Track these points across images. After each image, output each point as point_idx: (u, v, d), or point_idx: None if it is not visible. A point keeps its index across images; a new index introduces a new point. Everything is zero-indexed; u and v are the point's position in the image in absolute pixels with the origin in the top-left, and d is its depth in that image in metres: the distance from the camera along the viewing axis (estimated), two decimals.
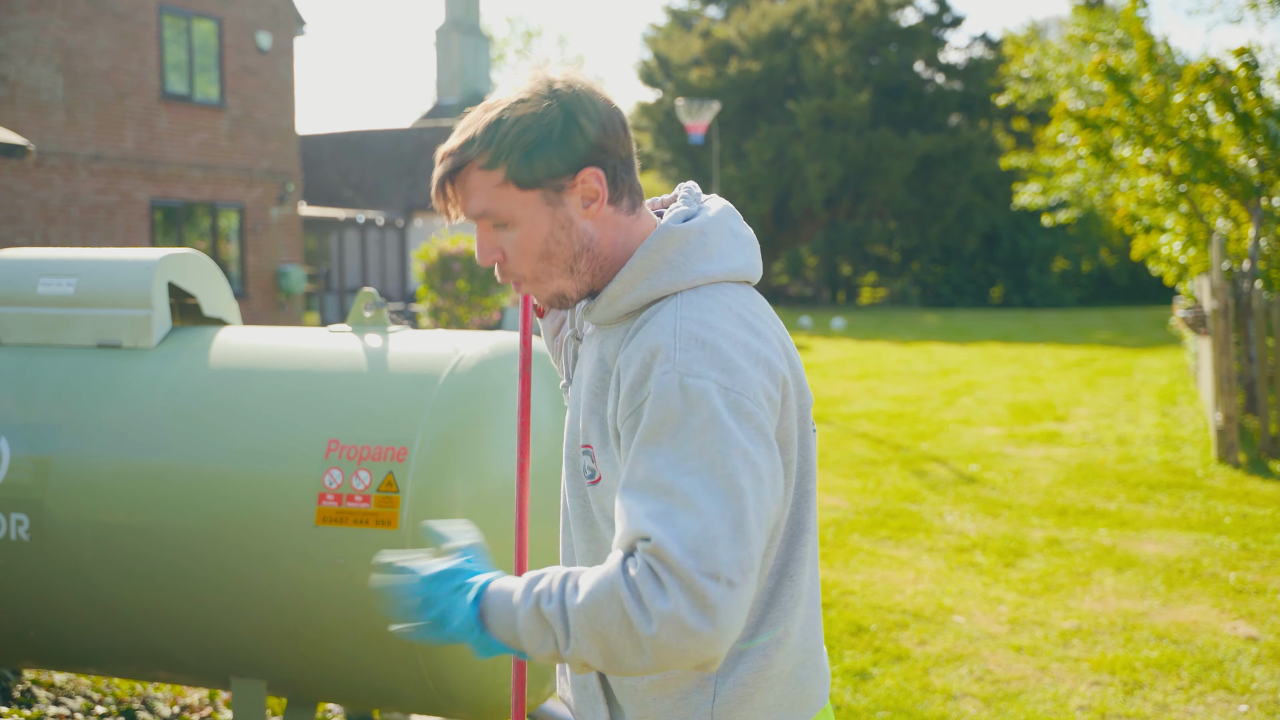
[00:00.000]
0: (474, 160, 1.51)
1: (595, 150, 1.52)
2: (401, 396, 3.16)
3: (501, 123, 1.50)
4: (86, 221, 17.38)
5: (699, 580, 1.32)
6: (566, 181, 1.52)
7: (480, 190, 1.52)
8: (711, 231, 1.56)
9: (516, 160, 1.50)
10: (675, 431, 1.39)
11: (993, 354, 18.53)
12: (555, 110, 1.51)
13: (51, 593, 3.35)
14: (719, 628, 1.33)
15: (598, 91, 1.55)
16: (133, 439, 3.29)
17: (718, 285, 1.53)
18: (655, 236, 1.54)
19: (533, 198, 1.52)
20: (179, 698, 4.21)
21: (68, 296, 3.58)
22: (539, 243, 1.54)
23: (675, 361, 1.42)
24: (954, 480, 8.34)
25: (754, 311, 1.54)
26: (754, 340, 1.47)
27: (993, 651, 4.78)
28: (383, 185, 26.87)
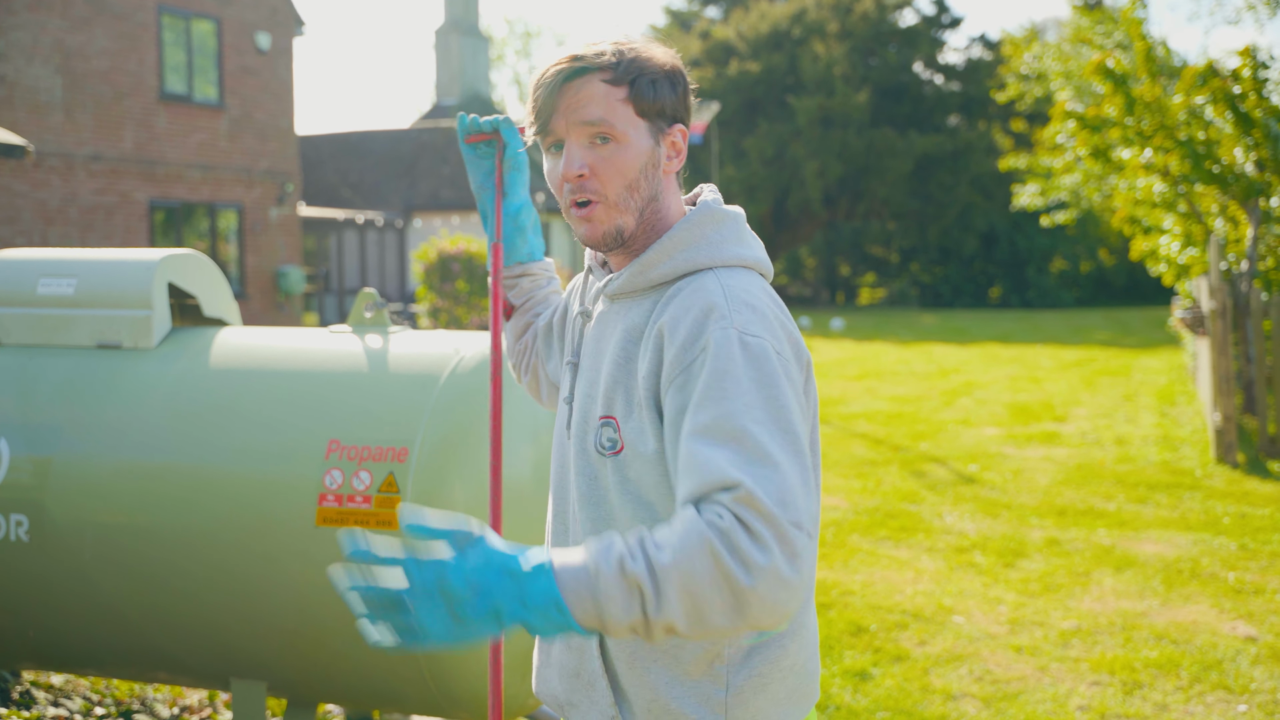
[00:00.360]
0: (602, 70, 1.55)
1: (686, 113, 1.62)
2: (402, 397, 3.16)
3: (635, 50, 1.57)
4: (85, 222, 17.38)
5: (790, 530, 1.31)
6: (666, 126, 1.59)
7: (600, 100, 1.54)
8: (742, 220, 1.65)
9: (645, 84, 1.55)
10: (739, 381, 1.40)
11: (991, 354, 18.54)
12: (675, 63, 1.61)
13: (51, 594, 3.35)
14: (804, 578, 1.32)
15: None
16: (133, 439, 3.29)
17: (747, 270, 1.58)
18: (699, 212, 1.60)
19: (643, 125, 1.57)
20: (178, 699, 4.21)
21: (68, 297, 3.58)
22: (635, 170, 1.56)
23: (733, 319, 1.45)
24: (953, 480, 8.34)
25: (778, 303, 1.58)
26: (788, 322, 1.54)
27: (992, 652, 4.79)
28: (382, 186, 26.87)
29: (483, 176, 1.88)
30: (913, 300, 36.84)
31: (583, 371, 1.64)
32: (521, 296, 1.96)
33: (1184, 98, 10.20)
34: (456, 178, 26.59)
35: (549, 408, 1.95)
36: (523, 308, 1.96)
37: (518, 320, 1.94)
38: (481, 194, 1.88)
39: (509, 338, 1.95)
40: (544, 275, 1.96)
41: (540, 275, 1.96)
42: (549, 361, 1.90)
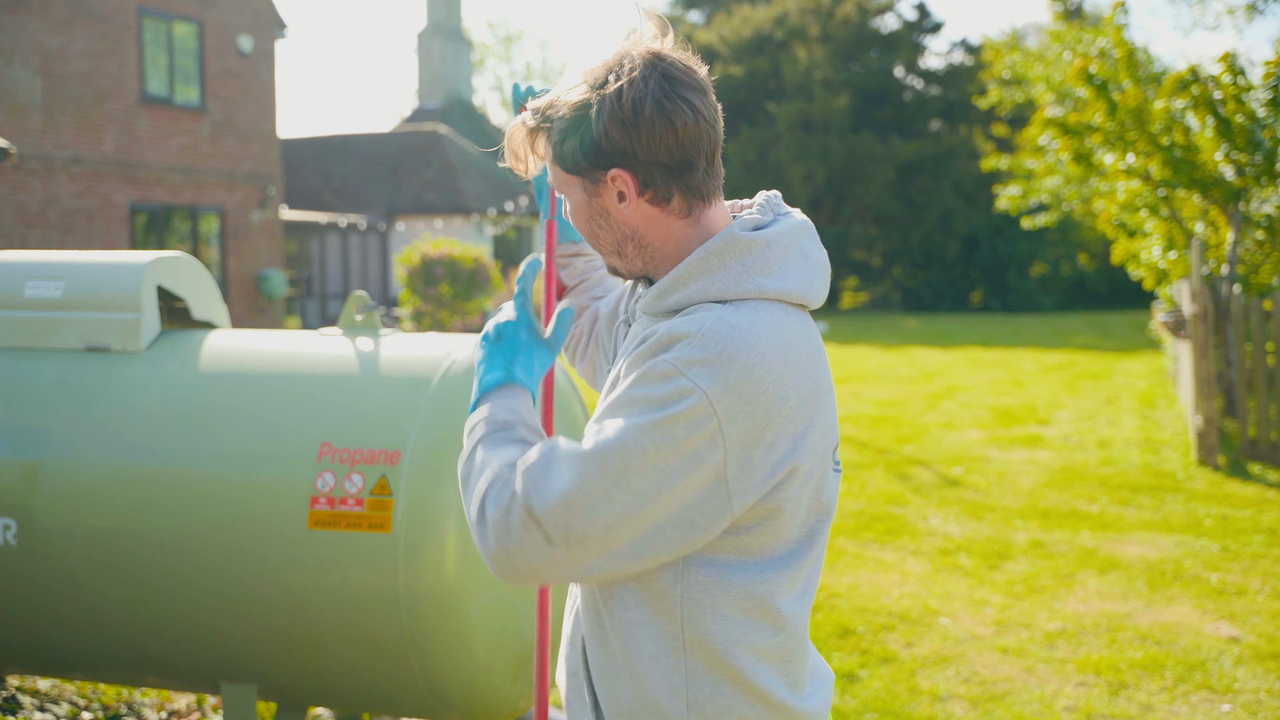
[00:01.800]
0: (540, 130, 1.56)
1: (620, 155, 1.49)
2: (394, 400, 3.16)
3: (559, 103, 1.52)
4: (65, 225, 17.27)
5: (514, 511, 1.40)
6: (599, 175, 1.52)
7: (545, 157, 1.59)
8: (778, 246, 1.52)
9: (556, 144, 1.53)
10: (633, 411, 1.40)
11: (974, 358, 18.62)
12: (591, 107, 1.49)
13: (39, 598, 3.34)
14: (503, 545, 1.40)
15: (655, 89, 1.49)
16: (123, 443, 3.28)
17: (769, 303, 1.48)
18: (718, 239, 1.50)
19: (574, 180, 1.55)
20: (166, 703, 4.19)
21: (55, 300, 3.57)
22: (584, 222, 1.58)
23: (684, 356, 1.40)
24: (938, 483, 8.38)
25: (798, 341, 1.48)
26: (783, 378, 1.42)
27: (979, 653, 4.81)
28: (364, 189, 26.80)
29: None
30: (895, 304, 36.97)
31: (610, 377, 1.64)
32: (576, 277, 1.93)
33: (1165, 103, 10.28)
34: (439, 181, 26.55)
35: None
36: (576, 289, 1.93)
37: (572, 301, 1.89)
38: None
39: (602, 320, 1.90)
40: (598, 256, 1.92)
41: (595, 256, 1.93)
42: (613, 353, 1.87)
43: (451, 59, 34.34)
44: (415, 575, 2.98)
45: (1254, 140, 9.71)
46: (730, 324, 1.43)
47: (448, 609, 3.00)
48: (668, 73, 1.51)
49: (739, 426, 1.40)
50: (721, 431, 1.39)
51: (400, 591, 2.99)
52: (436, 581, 2.99)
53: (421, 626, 3.00)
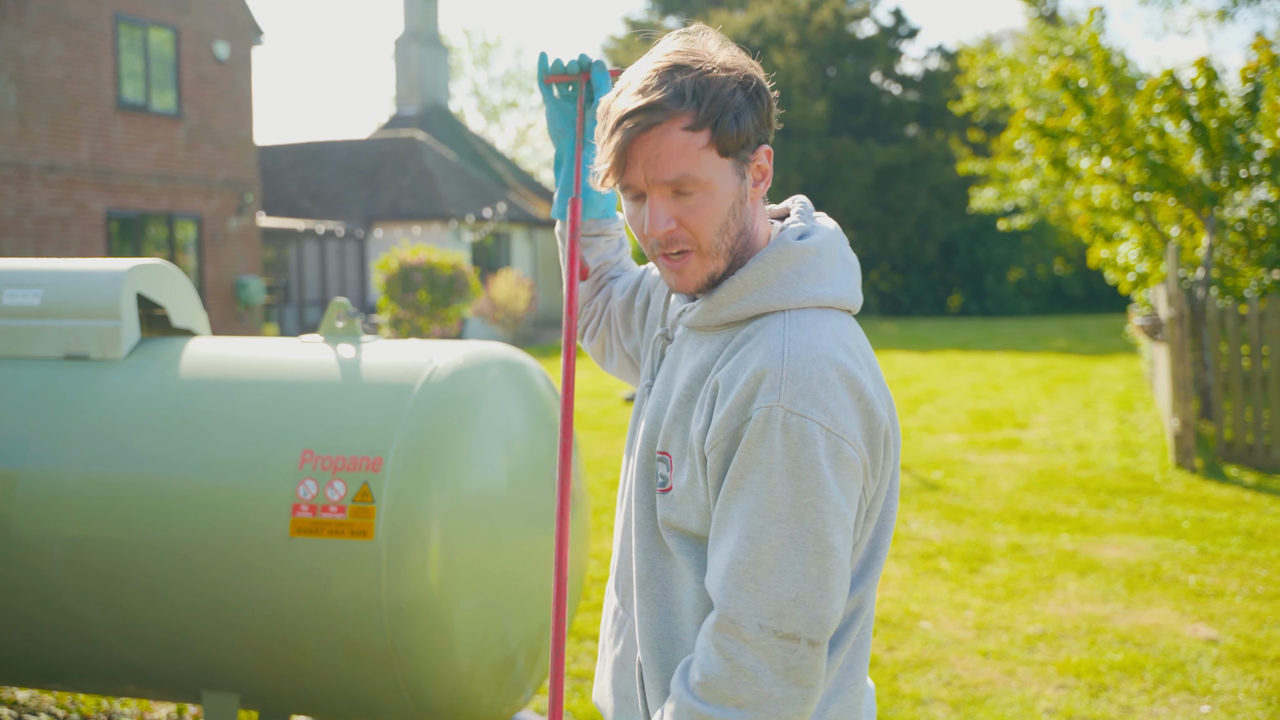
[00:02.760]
0: (679, 118, 1.41)
1: (769, 128, 1.47)
2: (376, 406, 3.15)
3: (711, 82, 1.40)
4: (40, 233, 17.15)
5: (777, 645, 1.33)
6: (750, 155, 1.46)
7: (680, 152, 1.41)
8: (825, 253, 1.50)
9: (728, 122, 1.40)
10: (770, 471, 1.35)
11: (952, 362, 18.71)
12: (753, 78, 1.44)
13: (17, 608, 3.31)
14: (802, 686, 1.34)
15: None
16: (102, 451, 3.26)
17: (825, 310, 1.46)
18: (772, 249, 1.47)
19: (728, 165, 1.44)
20: (146, 713, 4.17)
21: (34, 308, 3.55)
22: (724, 213, 1.45)
23: (781, 393, 1.36)
24: (917, 487, 8.41)
25: (859, 345, 1.47)
26: (861, 377, 1.40)
27: (960, 656, 4.83)
28: (342, 196, 26.72)
29: (564, 121, 1.76)
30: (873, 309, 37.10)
31: (654, 396, 1.59)
32: (597, 258, 1.88)
33: (1140, 107, 10.36)
34: (417, 188, 26.49)
35: (610, 373, 1.90)
36: (597, 270, 1.89)
37: (592, 282, 1.87)
38: (561, 140, 1.76)
39: (580, 298, 1.88)
40: (618, 237, 1.89)
41: (615, 237, 1.89)
42: (628, 340, 1.82)
43: (429, 65, 34.29)
44: (398, 582, 2.97)
45: (1229, 145, 9.80)
46: (800, 339, 1.40)
47: (430, 616, 3.00)
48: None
49: (847, 428, 1.38)
50: (840, 433, 1.37)
51: (383, 599, 2.98)
52: (419, 589, 2.98)
53: (404, 634, 2.99)
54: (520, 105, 51.48)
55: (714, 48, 1.45)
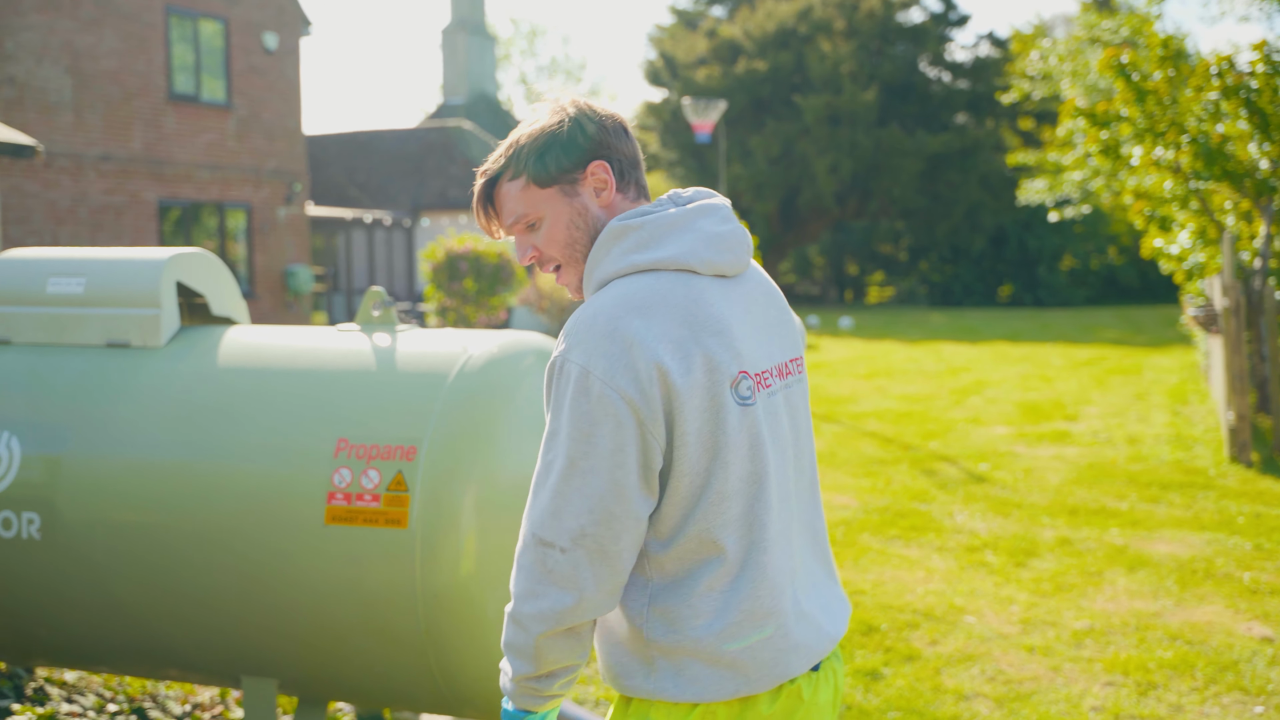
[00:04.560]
0: (502, 175, 1.79)
1: (599, 146, 1.77)
2: (410, 395, 3.15)
3: (519, 141, 1.78)
4: (95, 222, 17.40)
5: (535, 550, 1.64)
6: (578, 174, 1.77)
7: (510, 198, 1.79)
8: (657, 226, 1.73)
9: (533, 163, 1.76)
10: (551, 408, 1.67)
11: (1001, 353, 18.49)
12: (561, 120, 1.78)
13: (63, 591, 3.35)
14: (561, 589, 1.63)
15: (602, 107, 1.81)
16: (143, 438, 3.29)
17: (645, 273, 1.70)
18: (604, 231, 1.75)
19: (552, 193, 1.77)
20: (190, 696, 4.20)
21: (77, 296, 3.58)
22: (565, 231, 1.78)
23: (561, 345, 1.67)
24: (964, 479, 8.31)
25: (662, 297, 1.67)
26: (630, 328, 1.63)
27: (1004, 651, 4.76)
28: (389, 185, 26.89)
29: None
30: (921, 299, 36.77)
31: None
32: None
33: (1196, 93, 10.13)
34: (464, 177, 26.60)
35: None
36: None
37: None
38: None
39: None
40: None
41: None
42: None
43: (476, 55, 34.39)
44: (432, 571, 2.96)
45: None
46: (593, 304, 1.68)
47: (464, 604, 2.99)
48: (595, 99, 1.84)
49: (606, 368, 1.62)
50: (593, 377, 1.62)
51: (417, 587, 2.97)
52: (453, 577, 2.97)
53: (438, 622, 2.99)
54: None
55: (544, 114, 1.79)
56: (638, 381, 1.62)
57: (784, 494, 1.75)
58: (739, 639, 1.68)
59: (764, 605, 1.69)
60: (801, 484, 1.83)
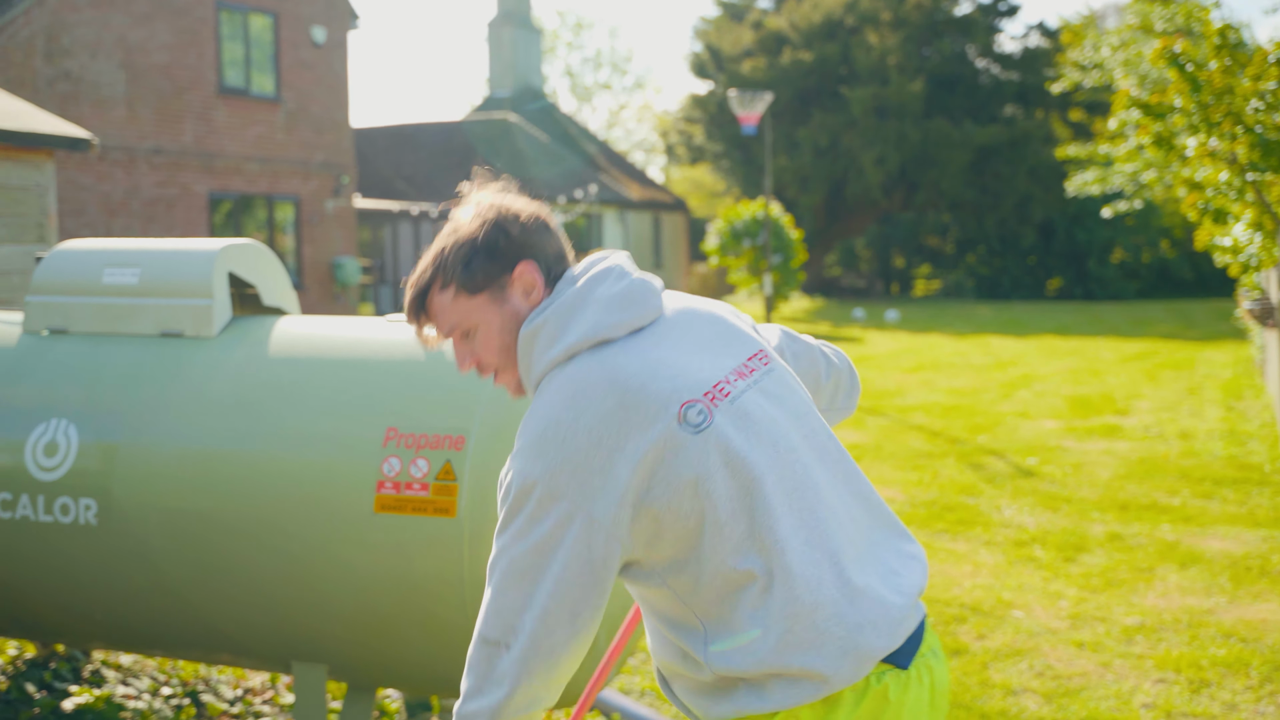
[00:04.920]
0: (431, 286, 1.79)
1: (523, 247, 1.77)
2: (459, 385, 3.16)
3: (444, 251, 1.78)
4: (147, 214, 17.65)
5: (477, 649, 1.68)
6: (505, 278, 1.77)
7: (443, 309, 1.78)
8: (558, 314, 1.74)
9: (459, 271, 1.76)
10: (499, 520, 1.70)
11: (1050, 346, 18.28)
12: (482, 224, 1.78)
13: (118, 576, 3.40)
14: (494, 679, 1.67)
15: (523, 206, 1.81)
16: (195, 426, 3.33)
17: (566, 364, 1.71)
18: (520, 339, 1.77)
19: (482, 300, 1.77)
20: (242, 681, 4.26)
21: (131, 286, 3.63)
22: (498, 335, 1.78)
23: (511, 460, 1.69)
24: (1012, 473, 8.23)
25: (585, 384, 1.67)
26: (563, 420, 1.65)
27: (1053, 647, 4.71)
28: (435, 178, 27.04)
29: None
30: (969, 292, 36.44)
31: None
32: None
33: (1253, 83, 9.95)
34: (510, 169, 26.70)
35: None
36: None
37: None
38: None
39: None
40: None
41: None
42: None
43: (522, 48, 34.47)
44: (480, 560, 2.98)
45: None
46: (531, 411, 1.70)
47: None
48: (515, 197, 1.84)
49: (544, 472, 1.63)
50: (527, 481, 1.65)
51: (465, 576, 2.99)
52: None
53: None
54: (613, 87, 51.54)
55: (466, 216, 1.80)
56: (580, 478, 1.63)
57: (792, 483, 1.71)
58: (799, 646, 1.65)
59: (804, 603, 1.65)
60: (821, 459, 1.78)
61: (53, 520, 3.39)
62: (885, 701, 1.69)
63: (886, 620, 1.69)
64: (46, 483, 3.40)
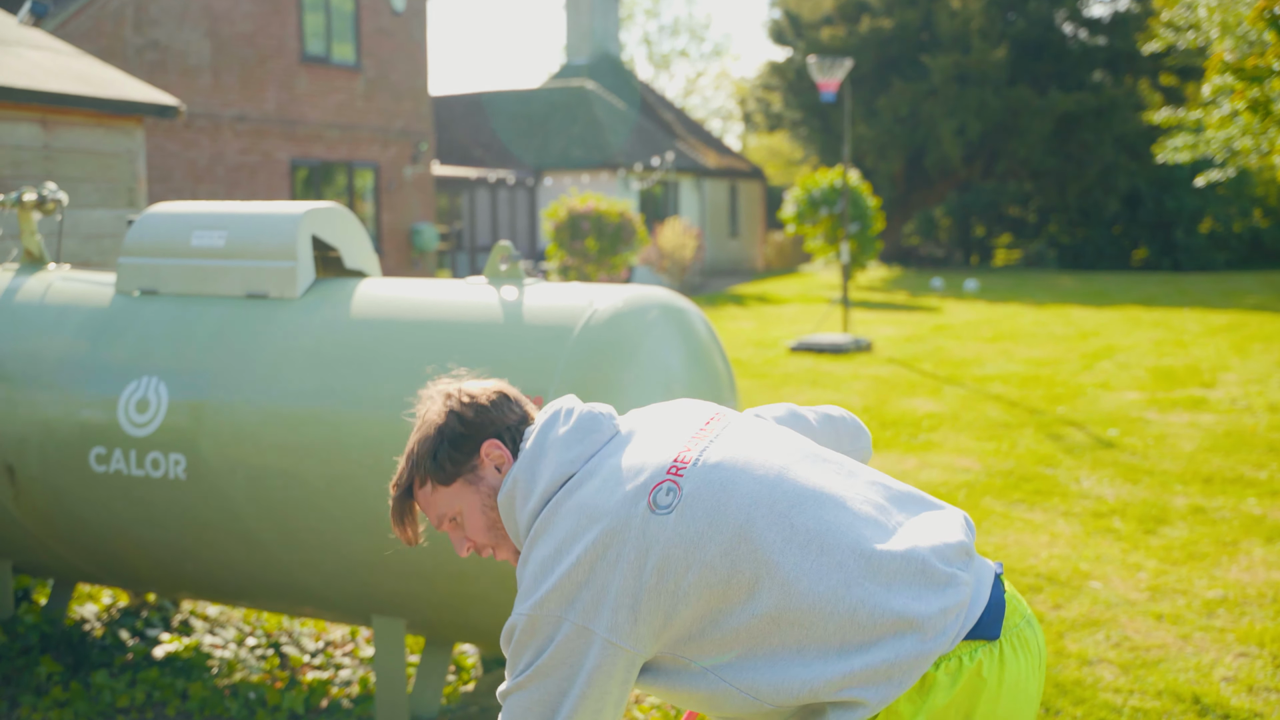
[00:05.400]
0: (412, 485, 1.86)
1: (484, 428, 1.84)
2: (536, 347, 3.21)
3: (413, 449, 1.86)
4: (231, 180, 17.99)
5: None
6: (475, 461, 1.84)
7: (426, 503, 1.86)
8: (523, 473, 1.80)
9: (434, 468, 1.83)
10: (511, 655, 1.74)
11: (1134, 317, 17.90)
12: (441, 418, 1.84)
13: (206, 529, 3.51)
14: None
15: (478, 388, 1.88)
16: (279, 386, 3.42)
17: (542, 512, 1.75)
18: (499, 509, 1.83)
19: (458, 487, 1.84)
20: (323, 633, 4.38)
21: (219, 249, 3.72)
22: (479, 516, 1.85)
23: (519, 605, 1.73)
24: (1091, 444, 8.10)
25: (575, 508, 1.72)
26: (562, 554, 1.69)
27: (1131, 618, 4.65)
28: (512, 145, 27.15)
29: None
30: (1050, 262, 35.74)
31: None
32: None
33: None
34: (586, 136, 26.71)
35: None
36: None
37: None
38: None
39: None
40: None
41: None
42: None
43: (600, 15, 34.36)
44: None
45: None
46: (534, 558, 1.72)
47: None
48: (471, 382, 1.91)
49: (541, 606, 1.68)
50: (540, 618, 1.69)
51: None
52: None
53: None
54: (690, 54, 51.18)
55: (428, 414, 1.87)
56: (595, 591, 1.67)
57: (787, 504, 1.71)
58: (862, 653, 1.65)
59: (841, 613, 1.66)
60: (817, 465, 1.79)
61: (144, 474, 3.51)
62: (980, 680, 1.68)
63: (933, 583, 1.68)
64: (138, 438, 3.52)
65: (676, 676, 1.71)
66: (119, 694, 3.73)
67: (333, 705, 3.77)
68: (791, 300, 21.96)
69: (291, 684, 3.88)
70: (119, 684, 3.78)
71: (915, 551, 1.69)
